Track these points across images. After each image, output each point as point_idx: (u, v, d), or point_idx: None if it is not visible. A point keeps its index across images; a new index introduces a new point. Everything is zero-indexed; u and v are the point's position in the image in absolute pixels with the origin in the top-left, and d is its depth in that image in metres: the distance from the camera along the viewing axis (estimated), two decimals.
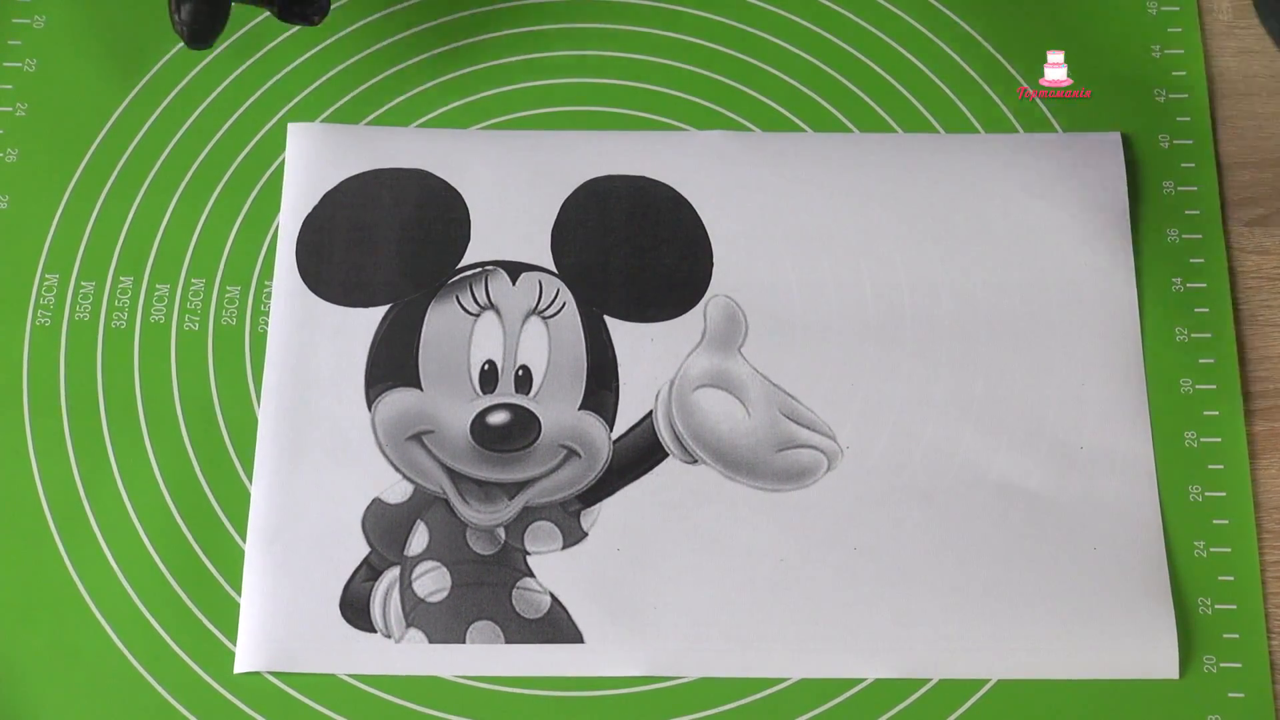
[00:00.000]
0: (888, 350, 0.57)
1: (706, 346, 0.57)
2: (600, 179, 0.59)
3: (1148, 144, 0.60)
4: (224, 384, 0.56)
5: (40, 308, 0.58)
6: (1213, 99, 0.61)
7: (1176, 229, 0.59)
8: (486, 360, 0.56)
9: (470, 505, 0.55)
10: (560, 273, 0.58)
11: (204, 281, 0.58)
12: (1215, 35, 0.62)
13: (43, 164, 0.60)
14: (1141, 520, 0.54)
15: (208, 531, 0.54)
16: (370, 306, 0.57)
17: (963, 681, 0.52)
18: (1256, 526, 0.54)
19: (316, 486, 0.55)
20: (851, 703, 0.52)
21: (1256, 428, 0.56)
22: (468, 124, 0.60)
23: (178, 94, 0.61)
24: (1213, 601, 0.53)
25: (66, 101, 0.61)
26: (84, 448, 0.55)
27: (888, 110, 0.61)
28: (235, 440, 0.56)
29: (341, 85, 0.61)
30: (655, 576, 0.54)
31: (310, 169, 0.59)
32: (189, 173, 0.60)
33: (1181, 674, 0.52)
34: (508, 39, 0.62)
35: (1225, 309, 0.58)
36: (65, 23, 0.62)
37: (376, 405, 0.56)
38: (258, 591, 0.53)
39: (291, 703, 0.52)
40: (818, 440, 0.55)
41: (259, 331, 0.57)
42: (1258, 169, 0.60)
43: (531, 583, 0.54)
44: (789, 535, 0.54)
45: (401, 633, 0.53)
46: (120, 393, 0.56)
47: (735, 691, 0.52)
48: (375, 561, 0.54)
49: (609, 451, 0.55)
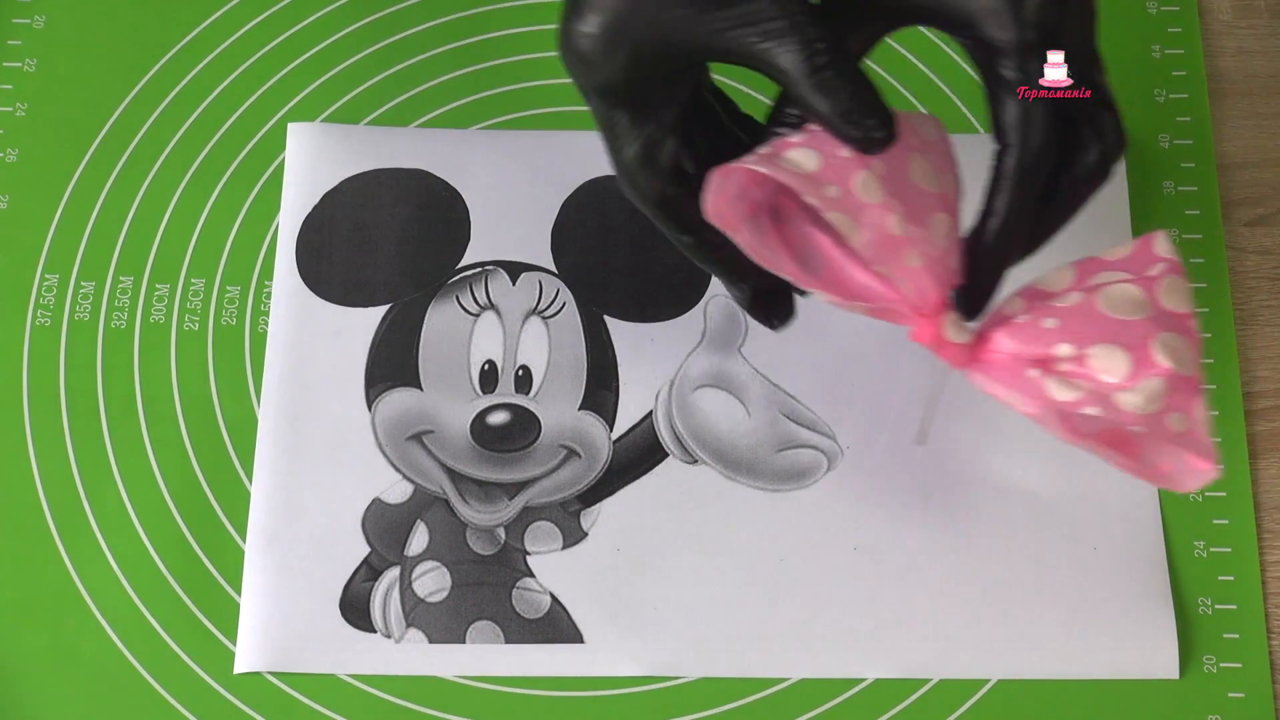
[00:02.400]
0: (888, 350, 0.57)
1: (706, 346, 0.57)
2: (600, 179, 0.59)
3: (1148, 144, 0.60)
4: (224, 384, 0.56)
5: (40, 308, 0.58)
6: (1213, 99, 0.61)
7: (1176, 229, 0.59)
8: (486, 360, 0.56)
9: (470, 505, 0.55)
10: (560, 273, 0.58)
11: (204, 281, 0.58)
12: (1215, 35, 0.62)
13: (43, 164, 0.60)
14: (1141, 520, 0.54)
15: (208, 531, 0.54)
16: (370, 306, 0.57)
17: (963, 681, 0.52)
18: (1256, 526, 0.54)
19: (316, 486, 0.55)
20: (851, 703, 0.52)
21: (1256, 428, 0.56)
22: (468, 124, 0.60)
23: (178, 94, 0.61)
24: (1213, 601, 0.53)
25: (66, 101, 0.61)
26: (84, 448, 0.55)
27: None
28: (235, 440, 0.56)
29: (341, 85, 0.61)
30: (655, 576, 0.54)
31: (310, 169, 0.59)
32: (189, 172, 0.60)
33: (1181, 674, 0.52)
34: (508, 39, 0.62)
35: (1225, 309, 0.58)
36: (65, 23, 0.62)
37: (376, 405, 0.56)
38: (258, 591, 0.53)
39: (291, 703, 0.52)
40: (818, 440, 0.55)
41: (259, 331, 0.57)
42: (1258, 169, 0.60)
43: (531, 583, 0.54)
44: (789, 535, 0.54)
45: (401, 633, 0.53)
46: (120, 393, 0.56)
47: (735, 691, 0.52)
48: (375, 561, 0.54)
49: (609, 451, 0.55)
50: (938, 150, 0.45)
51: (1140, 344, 0.42)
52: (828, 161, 0.42)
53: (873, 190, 0.42)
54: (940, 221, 0.44)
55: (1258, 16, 0.63)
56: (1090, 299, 0.43)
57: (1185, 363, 0.43)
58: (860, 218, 0.42)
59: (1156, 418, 0.43)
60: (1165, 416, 0.43)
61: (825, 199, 0.42)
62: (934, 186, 0.44)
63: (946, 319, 0.44)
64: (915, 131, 0.44)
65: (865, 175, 0.42)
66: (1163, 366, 0.42)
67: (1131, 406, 0.42)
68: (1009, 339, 0.44)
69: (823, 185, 0.42)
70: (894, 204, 0.42)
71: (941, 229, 0.43)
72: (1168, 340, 0.42)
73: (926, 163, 0.44)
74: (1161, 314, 0.43)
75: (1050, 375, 0.43)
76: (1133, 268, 0.44)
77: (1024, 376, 0.44)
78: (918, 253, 0.43)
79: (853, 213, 0.42)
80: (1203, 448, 0.43)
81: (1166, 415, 0.43)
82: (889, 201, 0.42)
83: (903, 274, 0.43)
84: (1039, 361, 0.43)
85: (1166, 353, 0.42)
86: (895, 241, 0.42)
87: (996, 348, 0.44)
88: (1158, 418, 0.43)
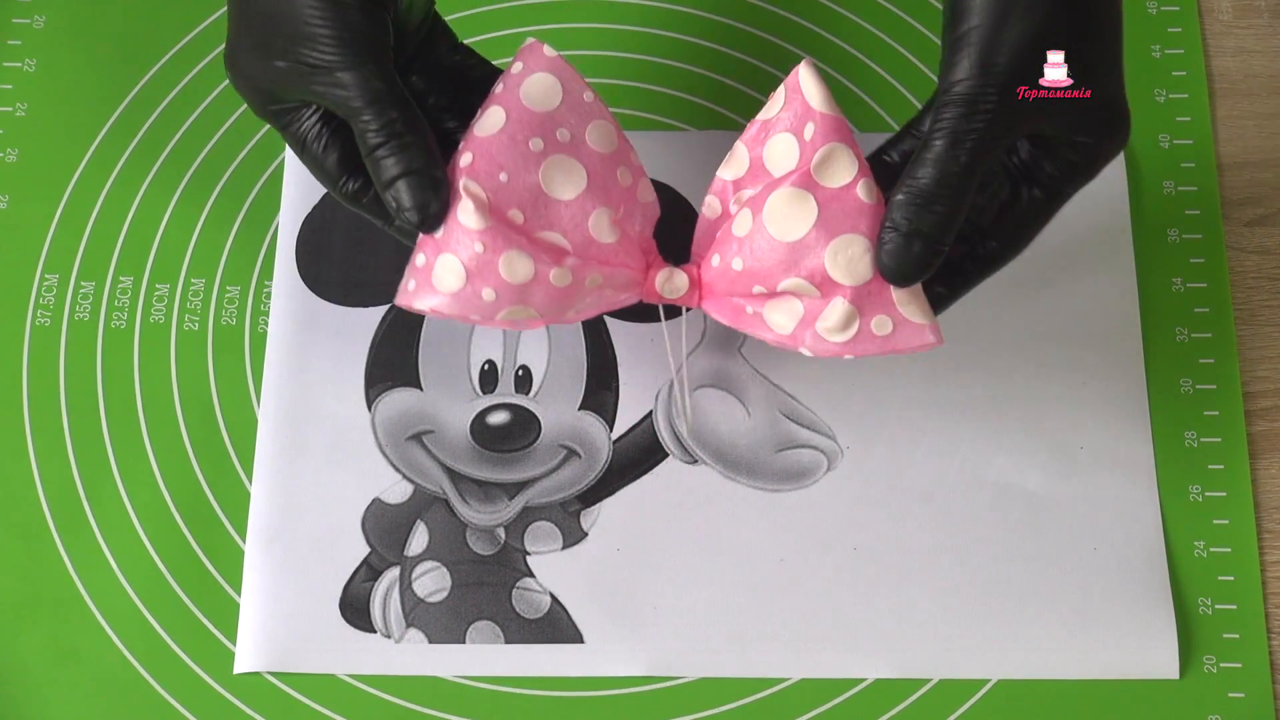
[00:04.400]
0: None
1: (706, 346, 0.57)
2: None
3: (1148, 144, 0.60)
4: (224, 384, 0.56)
5: (40, 308, 0.58)
6: (1213, 99, 0.61)
7: (1176, 229, 0.59)
8: (486, 360, 0.56)
9: (470, 505, 0.55)
10: None
11: (204, 281, 0.58)
12: (1215, 35, 0.62)
13: (43, 164, 0.60)
14: (1141, 520, 0.54)
15: (208, 531, 0.54)
16: (370, 306, 0.57)
17: (963, 681, 0.52)
18: (1256, 526, 0.54)
19: (316, 486, 0.55)
20: (851, 703, 0.52)
21: (1256, 428, 0.56)
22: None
23: (177, 94, 0.61)
24: (1213, 601, 0.53)
25: (66, 101, 0.61)
26: (84, 448, 0.55)
27: (888, 110, 0.61)
28: (235, 440, 0.56)
29: None
30: (655, 576, 0.54)
31: None
32: (189, 172, 0.60)
33: (1181, 674, 0.52)
34: (508, 39, 0.62)
35: (1225, 309, 0.57)
36: (65, 23, 0.62)
37: (376, 405, 0.56)
38: (258, 591, 0.53)
39: (291, 703, 0.52)
40: (818, 440, 0.55)
41: (259, 331, 0.57)
42: (1258, 169, 0.60)
43: (531, 583, 0.54)
44: (789, 535, 0.54)
45: (401, 633, 0.53)
46: (120, 393, 0.56)
47: (735, 691, 0.52)
48: (375, 561, 0.54)
49: (609, 451, 0.55)
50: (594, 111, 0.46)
51: (816, 265, 0.43)
52: (469, 268, 0.43)
53: (520, 268, 0.43)
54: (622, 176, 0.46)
55: (1258, 16, 0.63)
56: (759, 221, 0.44)
57: (859, 267, 0.43)
58: (526, 298, 0.44)
59: (862, 334, 0.43)
60: (870, 325, 0.43)
61: (485, 306, 0.44)
62: (607, 148, 0.45)
63: (658, 280, 0.46)
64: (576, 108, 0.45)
65: (507, 258, 0.43)
66: (842, 287, 0.43)
67: (832, 337, 0.43)
68: (716, 280, 0.46)
69: (478, 293, 0.43)
70: (549, 254, 0.44)
71: (604, 224, 0.45)
72: (837, 250, 0.43)
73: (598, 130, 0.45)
74: (826, 206, 0.43)
75: (765, 307, 0.45)
76: (794, 127, 0.45)
77: (745, 314, 0.46)
78: (595, 271, 0.45)
79: (519, 299, 0.44)
80: (917, 331, 0.44)
81: (870, 323, 0.43)
82: (541, 263, 0.44)
83: (594, 297, 0.45)
84: (750, 298, 0.45)
85: (842, 269, 0.43)
86: (567, 290, 0.44)
87: (711, 287, 0.46)
88: (863, 333, 0.43)
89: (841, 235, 0.43)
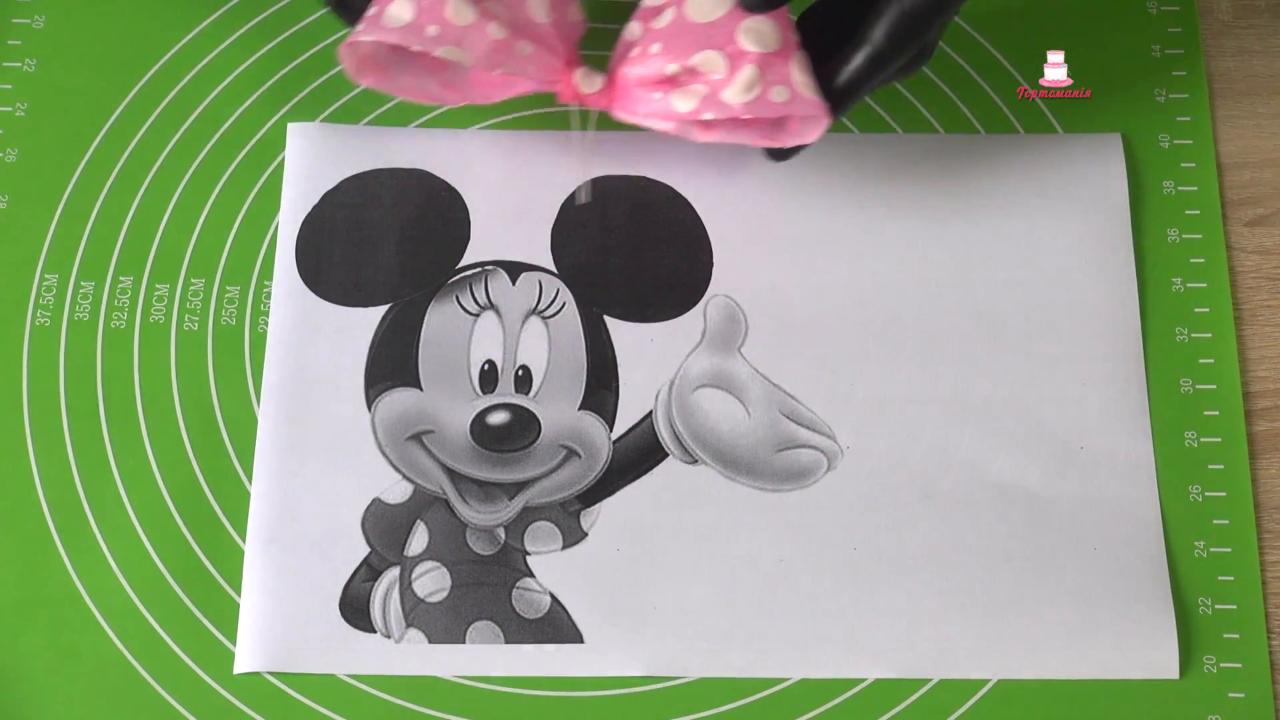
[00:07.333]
0: (888, 350, 0.57)
1: (706, 346, 0.57)
2: (601, 179, 0.59)
3: (1148, 144, 0.60)
4: (224, 384, 0.56)
5: (40, 308, 0.58)
6: (1213, 99, 0.61)
7: (1176, 229, 0.59)
8: (486, 360, 0.56)
9: (470, 505, 0.55)
10: (560, 273, 0.58)
11: (204, 281, 0.58)
12: (1215, 35, 0.62)
13: (43, 164, 0.60)
14: (1141, 520, 0.54)
15: (207, 531, 0.54)
16: (370, 306, 0.57)
17: (963, 681, 0.52)
18: (1256, 526, 0.54)
19: (316, 486, 0.55)
20: (851, 703, 0.52)
21: (1256, 428, 0.56)
22: (468, 124, 0.60)
23: (177, 94, 0.61)
24: (1213, 601, 0.53)
25: (66, 101, 0.61)
26: (84, 448, 0.55)
27: (888, 110, 0.61)
28: (235, 440, 0.56)
29: (341, 85, 0.61)
30: (655, 576, 0.54)
31: (310, 169, 0.59)
32: (188, 172, 0.60)
33: (1181, 674, 0.52)
34: None
35: (1225, 309, 0.58)
36: (65, 23, 0.62)
37: (376, 405, 0.56)
38: (257, 592, 0.53)
39: (291, 703, 0.52)
40: (818, 440, 0.55)
41: (259, 331, 0.57)
42: (1258, 169, 0.60)
43: (531, 583, 0.54)
44: (789, 535, 0.54)
45: (401, 633, 0.53)
46: (120, 393, 0.56)
47: (735, 691, 0.52)
48: (375, 562, 0.54)
49: (609, 451, 0.55)
50: None
51: (729, 39, 0.50)
52: (420, 5, 0.50)
53: (464, 13, 0.50)
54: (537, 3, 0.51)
55: (1258, 16, 0.63)
56: (680, 12, 0.50)
57: (769, 40, 0.50)
58: (465, 42, 0.50)
59: (761, 99, 0.49)
60: (769, 92, 0.49)
61: (428, 40, 0.49)
62: None
63: (576, 76, 0.52)
64: None
65: (454, 3, 0.50)
66: (751, 53, 0.49)
67: (735, 99, 0.49)
68: (631, 69, 0.51)
69: (423, 29, 0.49)
70: (489, 12, 0.50)
71: (541, 7, 0.51)
72: (749, 26, 0.50)
73: None
74: None
75: (671, 92, 0.50)
76: None
77: (652, 100, 0.51)
78: (526, 40, 0.51)
79: (457, 41, 0.50)
80: (809, 103, 0.50)
81: (770, 90, 0.49)
82: (483, 15, 0.50)
83: (523, 63, 0.51)
84: (660, 83, 0.51)
85: (750, 38, 0.49)
86: (503, 44, 0.50)
87: (625, 82, 0.52)
88: (762, 98, 0.49)
89: (753, 15, 0.50)
